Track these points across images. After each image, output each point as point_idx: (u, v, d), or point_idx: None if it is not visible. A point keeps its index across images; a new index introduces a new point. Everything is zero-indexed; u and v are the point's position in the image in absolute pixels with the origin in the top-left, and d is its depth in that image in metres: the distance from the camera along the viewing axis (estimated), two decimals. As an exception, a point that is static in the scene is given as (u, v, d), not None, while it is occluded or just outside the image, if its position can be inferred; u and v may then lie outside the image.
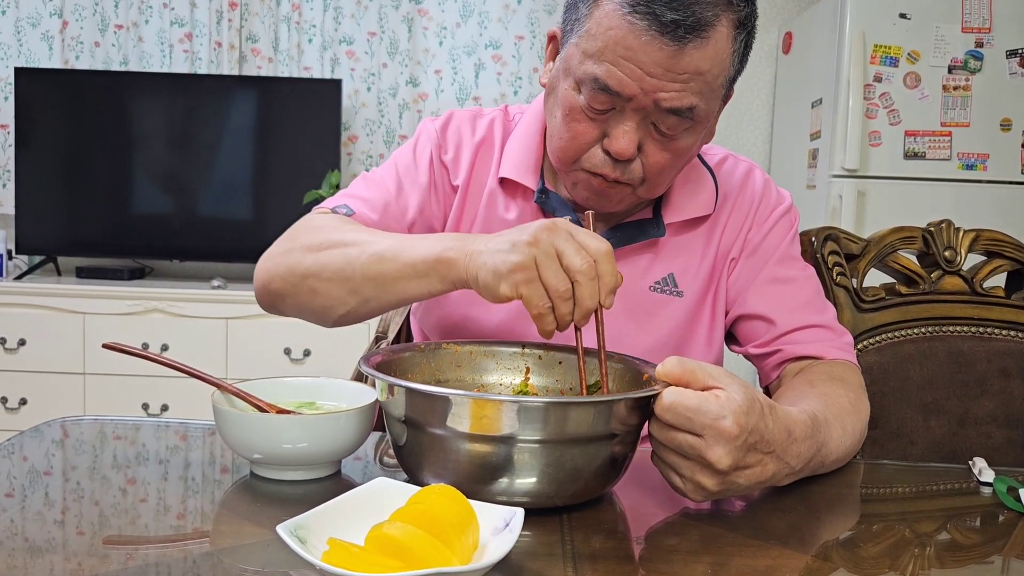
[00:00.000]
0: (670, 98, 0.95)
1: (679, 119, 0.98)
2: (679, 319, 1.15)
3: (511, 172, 1.14)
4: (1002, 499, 0.88)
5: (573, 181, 1.07)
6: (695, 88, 0.96)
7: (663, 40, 0.92)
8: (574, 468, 0.76)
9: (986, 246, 1.29)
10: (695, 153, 1.07)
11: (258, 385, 0.93)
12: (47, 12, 3.60)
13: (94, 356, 3.18)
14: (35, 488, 0.82)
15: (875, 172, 3.03)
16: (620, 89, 0.96)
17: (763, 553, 0.73)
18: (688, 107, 0.96)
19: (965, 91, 3.02)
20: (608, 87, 0.96)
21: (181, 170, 3.54)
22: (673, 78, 0.94)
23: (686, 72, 0.94)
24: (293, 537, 0.59)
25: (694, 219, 1.16)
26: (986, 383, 1.25)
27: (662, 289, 1.14)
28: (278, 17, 3.65)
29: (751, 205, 1.18)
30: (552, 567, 0.67)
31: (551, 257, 0.83)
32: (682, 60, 0.94)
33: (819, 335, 1.13)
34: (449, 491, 0.65)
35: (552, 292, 0.83)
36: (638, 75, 0.94)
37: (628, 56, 0.94)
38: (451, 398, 0.75)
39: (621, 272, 1.09)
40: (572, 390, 0.97)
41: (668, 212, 1.15)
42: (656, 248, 1.15)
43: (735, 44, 0.98)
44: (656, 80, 0.94)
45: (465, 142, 1.18)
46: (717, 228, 1.17)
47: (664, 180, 1.05)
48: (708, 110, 1.00)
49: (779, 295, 1.15)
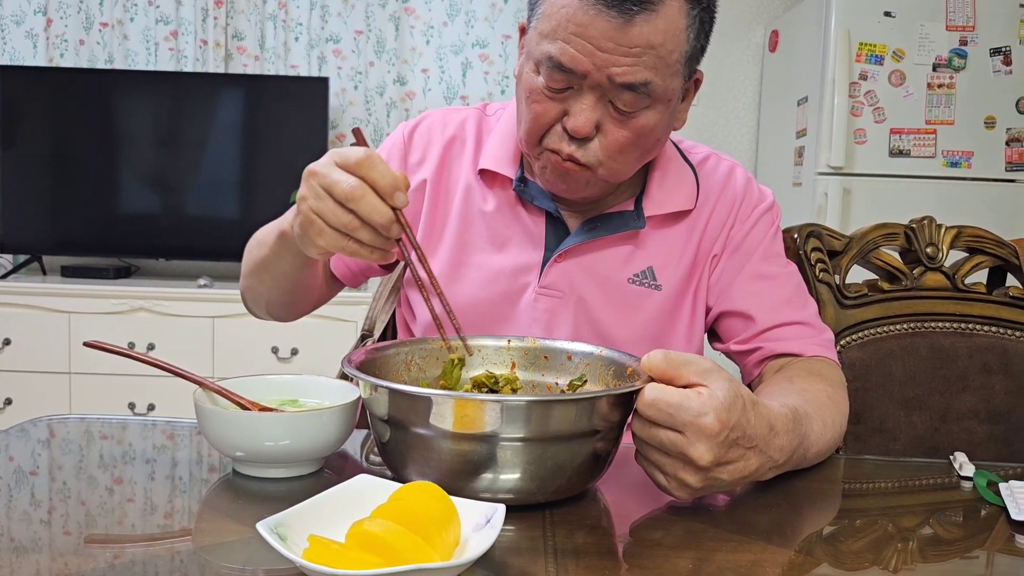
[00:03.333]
0: (623, 72, 0.96)
1: (635, 95, 0.98)
2: (657, 312, 1.15)
3: (490, 163, 1.16)
4: (982, 493, 0.89)
5: (541, 165, 1.08)
6: (648, 63, 0.96)
7: (610, 13, 0.94)
8: (556, 465, 0.76)
9: (968, 242, 1.29)
10: (660, 138, 1.06)
11: (241, 383, 0.93)
12: (31, 10, 3.58)
13: (80, 355, 3.17)
14: (21, 487, 0.82)
15: (860, 170, 3.05)
16: (573, 66, 0.97)
17: (746, 548, 0.73)
18: (642, 82, 0.97)
19: (949, 89, 3.04)
20: (562, 64, 0.97)
21: (167, 169, 3.53)
22: (625, 52, 0.95)
23: (637, 45, 0.95)
24: (273, 534, 0.59)
25: (675, 214, 1.16)
26: (967, 379, 1.26)
27: (641, 282, 1.15)
28: (264, 15, 3.64)
29: (733, 202, 1.19)
30: (534, 563, 0.67)
31: (324, 198, 0.85)
32: (631, 33, 0.94)
33: (799, 332, 1.13)
34: (430, 488, 0.66)
35: (344, 229, 0.85)
36: (589, 50, 0.96)
37: (579, 32, 0.96)
38: (433, 398, 0.75)
39: (602, 263, 1.10)
40: (557, 385, 0.98)
41: (649, 205, 1.15)
42: (636, 241, 1.15)
43: (689, 19, 0.98)
44: (608, 55, 0.95)
45: (435, 140, 1.21)
46: (699, 224, 1.17)
47: (625, 162, 1.05)
48: (666, 87, 0.99)
49: (760, 292, 1.15)
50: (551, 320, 1.13)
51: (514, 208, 1.16)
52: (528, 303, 1.14)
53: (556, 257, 1.13)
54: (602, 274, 1.14)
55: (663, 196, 1.16)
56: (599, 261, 1.14)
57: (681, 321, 1.17)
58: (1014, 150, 3.07)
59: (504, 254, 1.15)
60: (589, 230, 1.13)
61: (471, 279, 1.15)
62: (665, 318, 1.16)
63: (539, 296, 1.13)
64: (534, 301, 1.13)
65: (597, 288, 1.14)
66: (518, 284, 1.14)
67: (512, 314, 1.14)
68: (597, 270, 1.14)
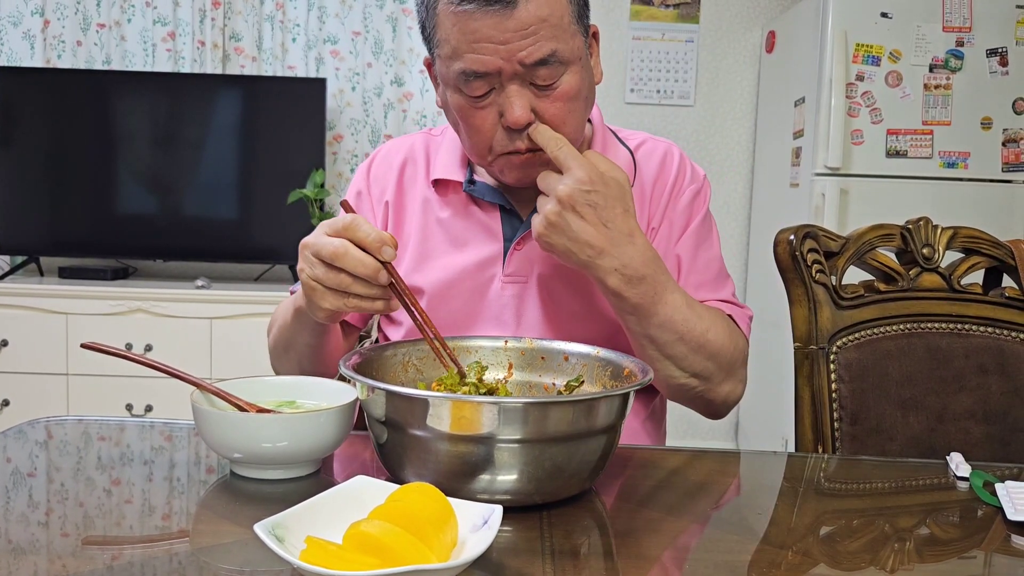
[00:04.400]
0: (529, 53, 1.01)
1: (548, 67, 1.03)
2: None
3: (440, 172, 1.22)
4: (978, 494, 0.89)
5: (499, 169, 1.13)
6: (546, 34, 1.01)
7: (494, 9, 0.99)
8: (554, 466, 0.76)
9: (964, 243, 1.30)
10: (588, 94, 1.12)
11: (239, 384, 0.93)
12: (28, 11, 3.58)
13: (77, 356, 3.17)
14: (18, 489, 0.82)
15: (857, 170, 3.05)
16: (486, 69, 1.02)
17: (743, 548, 0.74)
18: (550, 53, 1.02)
19: (946, 90, 3.04)
20: (476, 72, 1.03)
21: (164, 170, 3.53)
22: (522, 36, 1.00)
23: (529, 25, 1.00)
24: (271, 536, 0.59)
25: None
26: (964, 379, 1.26)
27: None
28: (262, 16, 3.64)
29: (669, 179, 1.24)
30: (532, 564, 0.68)
31: (316, 264, 0.93)
32: (519, 17, 1.00)
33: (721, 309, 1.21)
34: (428, 489, 0.66)
35: (340, 288, 0.93)
36: (492, 49, 1.01)
37: (476, 39, 1.01)
38: (430, 399, 0.75)
39: None
40: (555, 385, 0.98)
41: None
42: None
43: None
44: (509, 45, 1.01)
45: (391, 168, 1.28)
46: (640, 202, 1.22)
47: (571, 131, 1.09)
48: (571, 48, 1.04)
49: (686, 271, 1.22)
50: (520, 305, 1.18)
51: (468, 209, 1.21)
52: (496, 293, 1.18)
53: (515, 245, 1.18)
54: None
55: None
56: None
57: None
58: (1010, 151, 3.07)
59: (466, 252, 1.20)
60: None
61: (437, 280, 1.19)
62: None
63: (505, 284, 1.18)
64: (501, 290, 1.18)
65: (557, 269, 1.18)
66: (484, 277, 1.19)
67: (482, 306, 1.18)
68: None
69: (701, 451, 1.09)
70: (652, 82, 3.79)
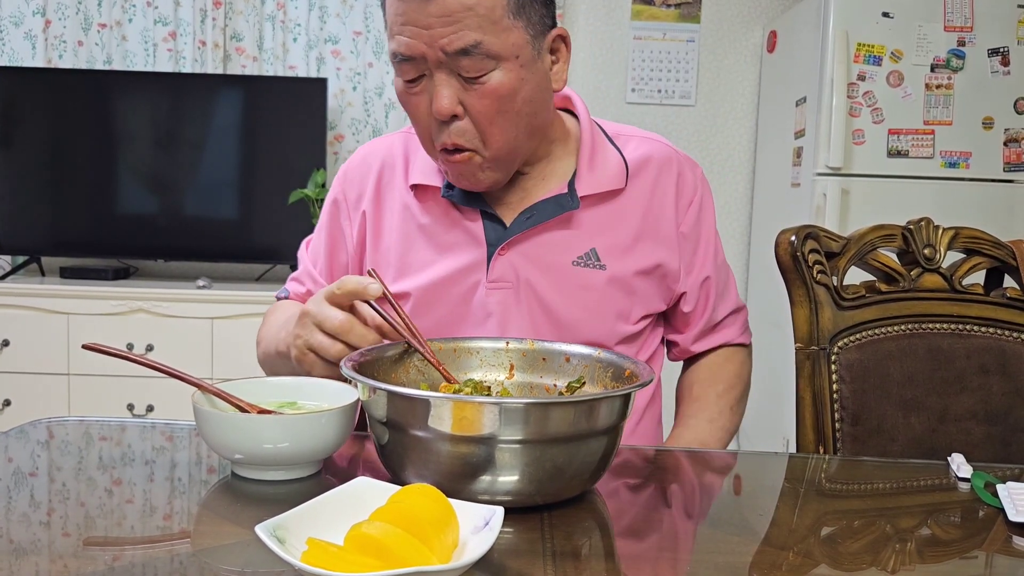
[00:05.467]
0: (450, 41, 1.00)
1: (472, 58, 1.01)
2: (604, 292, 1.19)
3: (418, 177, 1.21)
4: (979, 495, 0.89)
5: (444, 168, 1.13)
6: (471, 23, 1.00)
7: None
8: (555, 467, 0.76)
9: (965, 243, 1.29)
10: (532, 99, 1.09)
11: (240, 385, 0.93)
12: (30, 11, 3.58)
13: (78, 357, 3.17)
14: (20, 489, 0.82)
15: (859, 170, 3.05)
16: (410, 52, 1.02)
17: (744, 549, 0.74)
18: (472, 43, 1.00)
19: (948, 90, 3.04)
20: (402, 54, 1.03)
21: (166, 170, 3.53)
22: (445, 22, 0.99)
23: (453, 12, 0.99)
24: (272, 537, 0.59)
25: (608, 193, 1.20)
26: (965, 380, 1.26)
27: (585, 263, 1.18)
28: (263, 16, 3.64)
29: (669, 192, 1.24)
30: (533, 565, 0.68)
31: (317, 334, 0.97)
32: (440, 3, 0.99)
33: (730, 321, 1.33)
34: (429, 490, 0.66)
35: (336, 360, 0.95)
36: (416, 32, 1.01)
37: (404, 21, 1.01)
38: (431, 400, 0.75)
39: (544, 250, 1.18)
40: (556, 387, 0.98)
41: (581, 185, 1.18)
42: (575, 225, 1.19)
43: None
44: (432, 30, 1.00)
45: (369, 172, 1.27)
46: (634, 204, 1.21)
47: (503, 132, 1.08)
48: (502, 43, 1.02)
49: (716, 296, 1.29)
50: (505, 311, 1.17)
51: (450, 214, 1.20)
52: (480, 299, 1.17)
53: (499, 251, 1.17)
54: (546, 260, 1.18)
55: (593, 176, 1.19)
56: (541, 248, 1.18)
57: (630, 299, 1.21)
58: (1012, 151, 3.07)
59: (448, 259, 1.19)
60: (526, 219, 1.17)
61: (420, 287, 1.19)
62: (613, 297, 1.19)
63: (489, 291, 1.17)
64: (485, 296, 1.17)
65: (543, 274, 1.17)
66: (468, 283, 1.18)
67: (466, 312, 1.18)
68: (541, 257, 1.18)
69: (702, 452, 1.09)
70: (653, 82, 3.78)
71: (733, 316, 1.33)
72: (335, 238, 1.30)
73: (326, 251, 1.31)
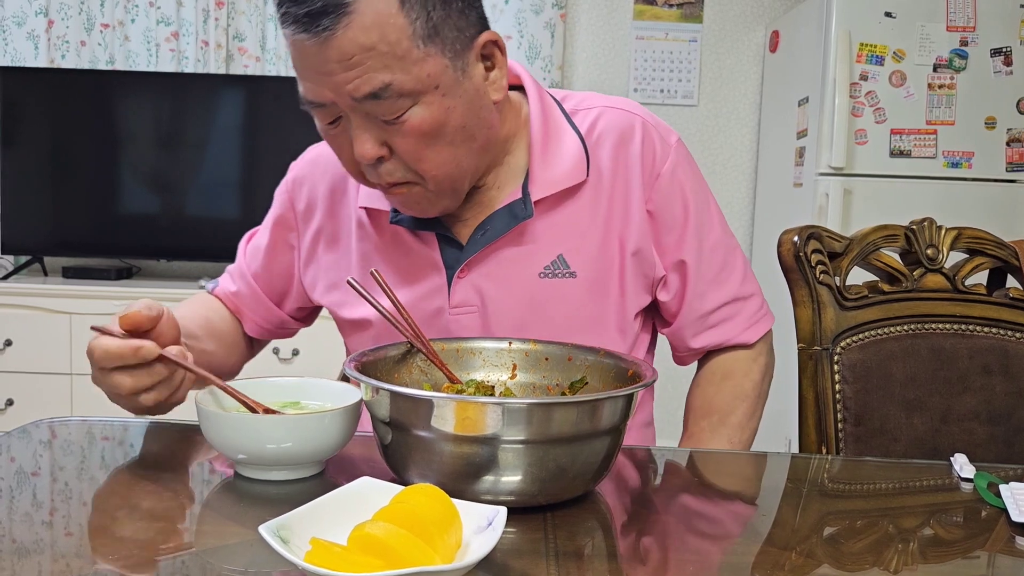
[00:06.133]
0: (356, 87, 0.90)
1: (383, 101, 0.91)
2: (578, 301, 1.09)
3: (366, 200, 1.12)
4: (982, 495, 0.89)
5: (388, 199, 1.05)
6: (375, 66, 0.89)
7: (308, 36, 0.88)
8: (558, 467, 0.76)
9: (968, 244, 1.29)
10: (466, 124, 0.98)
11: (242, 385, 0.93)
12: (33, 11, 3.58)
13: (81, 356, 3.17)
14: (23, 489, 0.82)
15: (861, 170, 3.05)
16: (318, 98, 0.93)
17: (746, 550, 0.74)
18: (382, 86, 0.90)
19: (950, 89, 3.04)
20: (311, 101, 0.94)
21: (168, 170, 3.53)
22: (345, 67, 0.89)
23: (351, 56, 0.89)
24: (275, 537, 0.60)
25: (568, 190, 1.08)
26: (968, 380, 1.26)
27: (553, 273, 1.08)
28: (265, 16, 3.64)
29: (633, 165, 1.10)
30: (536, 565, 0.68)
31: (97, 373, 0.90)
32: (336, 47, 0.88)
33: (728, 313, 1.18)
34: (432, 490, 0.66)
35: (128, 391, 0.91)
36: (319, 80, 0.91)
37: (305, 65, 0.92)
38: (434, 400, 0.75)
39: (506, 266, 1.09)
40: (559, 386, 0.98)
41: (535, 188, 1.07)
42: (536, 231, 1.08)
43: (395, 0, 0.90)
44: (333, 76, 0.90)
45: (319, 182, 1.19)
46: (601, 194, 1.09)
47: (442, 164, 0.98)
48: (416, 78, 0.91)
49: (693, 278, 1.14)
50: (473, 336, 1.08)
51: (405, 237, 1.11)
52: (444, 326, 1.10)
53: (457, 274, 1.08)
54: (510, 277, 1.09)
55: (548, 174, 1.07)
56: (503, 264, 1.09)
57: (608, 304, 1.11)
58: (1014, 150, 3.07)
59: (408, 286, 1.10)
60: (482, 235, 1.08)
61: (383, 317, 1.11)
62: (590, 305, 1.10)
63: (453, 316, 1.09)
64: (450, 322, 1.10)
65: (509, 292, 1.08)
66: (430, 310, 1.10)
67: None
68: (503, 274, 1.09)
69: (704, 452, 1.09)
70: (656, 82, 3.78)
71: (732, 307, 1.17)
72: (276, 249, 1.24)
73: (264, 259, 1.24)
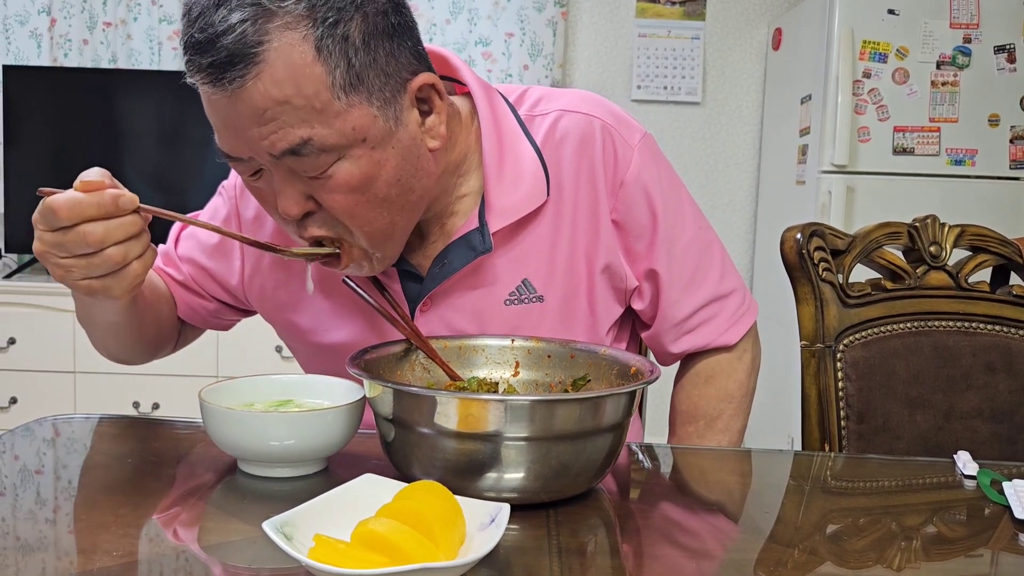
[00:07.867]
0: (272, 143, 0.82)
1: (302, 157, 0.83)
2: (547, 326, 1.05)
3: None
4: (986, 492, 0.89)
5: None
6: (291, 120, 0.81)
7: (215, 89, 0.81)
8: (561, 464, 0.77)
9: (971, 241, 1.29)
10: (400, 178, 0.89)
11: (244, 382, 0.93)
12: (35, 10, 3.59)
13: (84, 355, 3.17)
14: (26, 486, 0.82)
15: (864, 168, 3.05)
16: (236, 153, 0.86)
17: (749, 547, 0.74)
18: (300, 142, 0.82)
19: (953, 87, 3.03)
20: (227, 154, 0.87)
21: (171, 168, 3.53)
22: (258, 123, 0.81)
23: (264, 110, 0.81)
24: (279, 534, 0.60)
25: (529, 215, 1.02)
26: (971, 378, 1.26)
27: (519, 299, 1.04)
28: (268, 14, 3.64)
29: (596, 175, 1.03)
30: (538, 562, 0.68)
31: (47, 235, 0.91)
32: (248, 101, 0.80)
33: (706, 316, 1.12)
34: (435, 487, 0.66)
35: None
36: (234, 135, 0.84)
37: (216, 118, 0.85)
38: (437, 397, 0.75)
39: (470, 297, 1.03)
40: (561, 384, 0.98)
41: (492, 218, 1.00)
42: (497, 257, 1.03)
43: (312, 47, 0.80)
44: (248, 131, 0.82)
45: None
46: (564, 210, 1.03)
47: (374, 220, 0.90)
48: (339, 131, 0.83)
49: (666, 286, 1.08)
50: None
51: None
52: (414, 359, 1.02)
53: (419, 309, 1.03)
54: (475, 307, 1.04)
55: (504, 201, 1.00)
56: (465, 295, 1.03)
57: (578, 324, 1.07)
58: (1018, 148, 3.06)
59: (371, 319, 1.05)
60: (440, 269, 1.02)
61: (349, 343, 1.05)
62: (560, 328, 1.05)
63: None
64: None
65: (475, 323, 1.04)
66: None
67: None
68: (467, 306, 1.04)
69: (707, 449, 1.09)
70: (658, 79, 3.78)
71: (710, 308, 1.12)
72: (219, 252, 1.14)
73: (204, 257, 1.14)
